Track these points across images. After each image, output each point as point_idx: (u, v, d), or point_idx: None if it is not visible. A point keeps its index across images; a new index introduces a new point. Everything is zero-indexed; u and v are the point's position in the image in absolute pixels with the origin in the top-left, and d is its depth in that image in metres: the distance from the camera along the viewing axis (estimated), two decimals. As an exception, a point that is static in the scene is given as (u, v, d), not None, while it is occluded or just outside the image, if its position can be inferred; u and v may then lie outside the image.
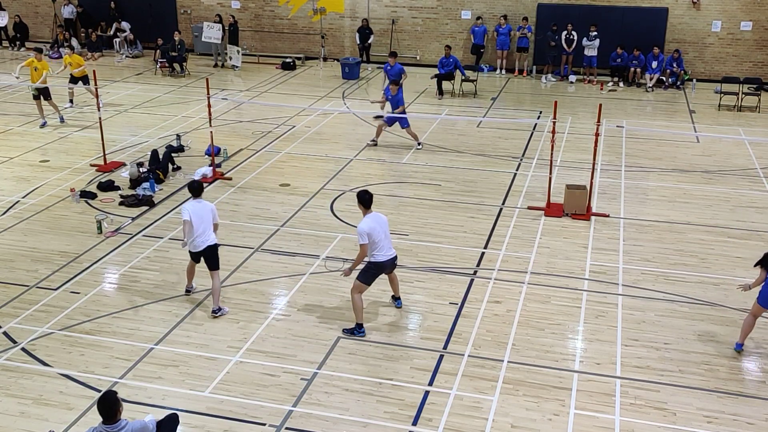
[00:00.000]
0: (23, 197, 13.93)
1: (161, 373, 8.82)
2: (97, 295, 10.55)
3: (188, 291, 10.61)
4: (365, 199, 9.49)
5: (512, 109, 20.56)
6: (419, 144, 16.94)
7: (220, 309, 10.07)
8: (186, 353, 9.19)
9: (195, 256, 10.13)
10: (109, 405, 6.29)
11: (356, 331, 9.61)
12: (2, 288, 10.72)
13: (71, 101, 20.03)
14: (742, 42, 23.37)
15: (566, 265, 11.53)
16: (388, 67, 18.97)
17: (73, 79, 19.38)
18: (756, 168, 15.94)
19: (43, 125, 18.09)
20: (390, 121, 16.87)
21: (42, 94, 17.99)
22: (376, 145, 16.94)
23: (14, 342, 9.40)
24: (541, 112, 19.99)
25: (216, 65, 25.49)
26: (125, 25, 27.02)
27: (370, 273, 9.59)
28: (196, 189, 10.17)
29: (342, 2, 24.73)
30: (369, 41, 25.33)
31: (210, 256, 9.99)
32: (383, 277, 10.35)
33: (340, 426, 7.97)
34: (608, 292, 10.74)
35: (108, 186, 14.33)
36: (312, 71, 25.15)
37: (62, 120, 18.39)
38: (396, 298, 10.35)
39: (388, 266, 9.69)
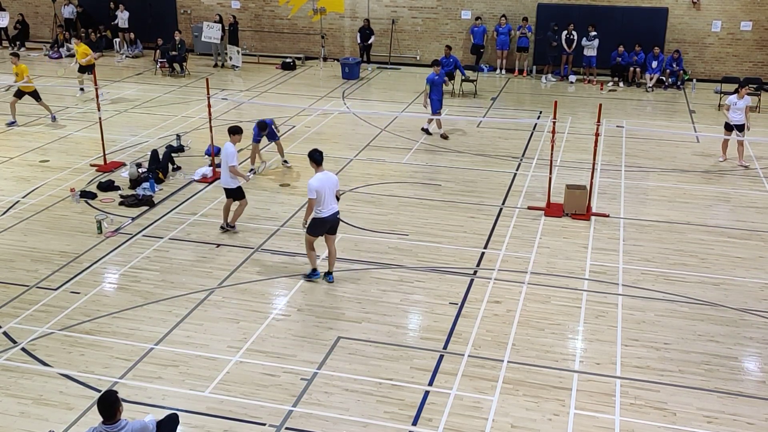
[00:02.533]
0: (23, 197, 13.93)
1: (161, 373, 8.82)
2: (97, 295, 10.55)
3: (222, 228, 12.46)
4: (316, 157, 10.54)
5: (512, 109, 20.56)
6: (286, 162, 15.77)
7: (232, 227, 12.45)
8: (186, 353, 9.19)
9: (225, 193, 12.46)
10: (109, 404, 6.29)
11: (311, 275, 10.92)
12: (2, 288, 10.72)
13: (82, 89, 20.70)
14: (742, 42, 23.37)
15: (566, 265, 11.53)
16: (435, 77, 17.37)
17: (81, 68, 20.35)
18: (756, 168, 15.95)
19: (11, 124, 18.23)
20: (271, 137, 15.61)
21: (32, 95, 18.19)
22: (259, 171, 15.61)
23: (14, 342, 9.40)
24: (541, 112, 19.99)
25: (216, 65, 25.49)
26: (126, 14, 26.87)
27: (315, 227, 10.62)
28: (231, 130, 12.24)
29: (342, 2, 24.75)
30: (370, 41, 25.34)
31: (230, 194, 12.30)
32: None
33: (340, 426, 7.97)
34: (608, 292, 10.74)
35: (108, 186, 14.33)
36: (312, 71, 25.15)
37: (54, 119, 18.48)
38: (327, 273, 10.95)
39: (330, 221, 10.58)
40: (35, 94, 18.23)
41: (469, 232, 12.67)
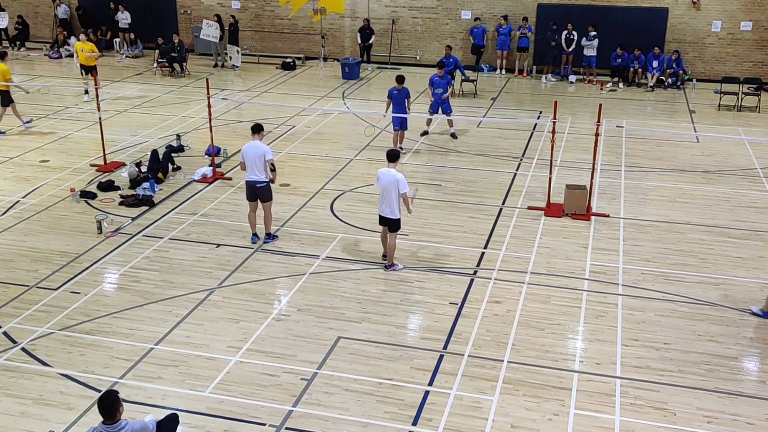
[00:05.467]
0: (23, 197, 13.93)
1: (161, 373, 8.82)
2: (97, 295, 10.55)
3: (386, 267, 11.41)
4: (252, 127, 12.08)
5: (512, 109, 20.57)
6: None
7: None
8: (186, 353, 9.19)
9: None
10: (109, 404, 6.30)
11: (253, 238, 12.06)
12: (2, 288, 10.72)
13: (87, 91, 20.44)
14: (742, 42, 23.37)
15: (566, 265, 11.53)
16: (436, 77, 17.42)
17: (84, 69, 20.19)
18: (756, 168, 15.95)
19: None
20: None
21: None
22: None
23: (14, 342, 9.40)
24: (541, 112, 19.99)
25: (216, 65, 25.49)
26: (126, 14, 26.86)
27: (246, 191, 11.88)
28: (390, 155, 11.31)
29: (342, 2, 24.73)
30: (370, 41, 25.34)
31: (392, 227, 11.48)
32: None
33: (340, 426, 7.97)
34: (608, 292, 10.74)
35: (108, 186, 14.33)
36: (312, 71, 25.15)
37: (28, 123, 17.92)
38: (254, 234, 12.12)
39: (248, 184, 11.76)
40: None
41: (469, 232, 12.66)
